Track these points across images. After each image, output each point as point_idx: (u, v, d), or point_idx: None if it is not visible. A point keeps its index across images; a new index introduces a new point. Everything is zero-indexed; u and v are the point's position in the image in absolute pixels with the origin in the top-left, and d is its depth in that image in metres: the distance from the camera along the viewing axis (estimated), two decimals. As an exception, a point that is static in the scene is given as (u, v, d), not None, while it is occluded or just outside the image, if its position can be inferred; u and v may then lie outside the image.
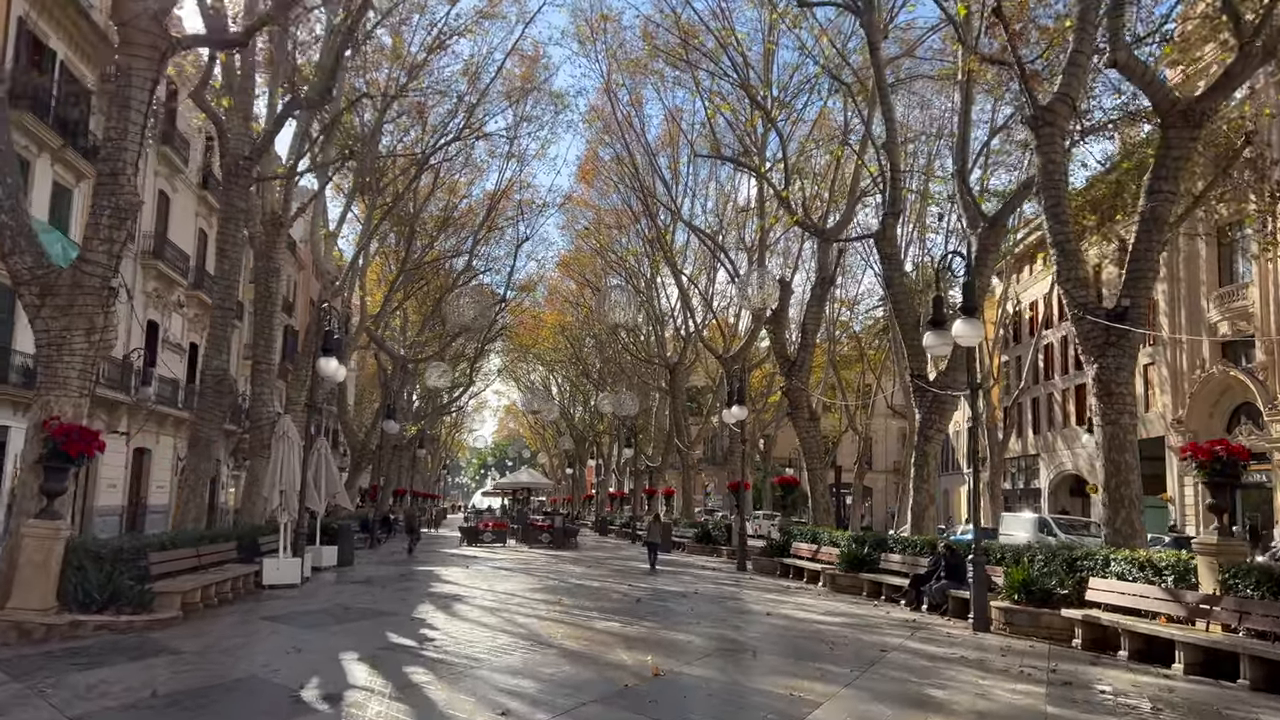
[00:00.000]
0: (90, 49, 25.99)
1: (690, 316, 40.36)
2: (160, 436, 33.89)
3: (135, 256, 30.61)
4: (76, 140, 25.34)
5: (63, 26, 24.27)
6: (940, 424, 21.45)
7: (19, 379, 23.47)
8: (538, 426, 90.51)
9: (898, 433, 78.43)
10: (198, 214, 36.38)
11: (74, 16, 24.48)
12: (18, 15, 22.44)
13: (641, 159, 37.62)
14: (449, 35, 31.57)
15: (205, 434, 18.88)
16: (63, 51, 24.63)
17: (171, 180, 33.66)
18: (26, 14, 22.98)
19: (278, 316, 23.96)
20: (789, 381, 26.88)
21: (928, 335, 15.04)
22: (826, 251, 27.23)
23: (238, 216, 18.90)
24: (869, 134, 24.25)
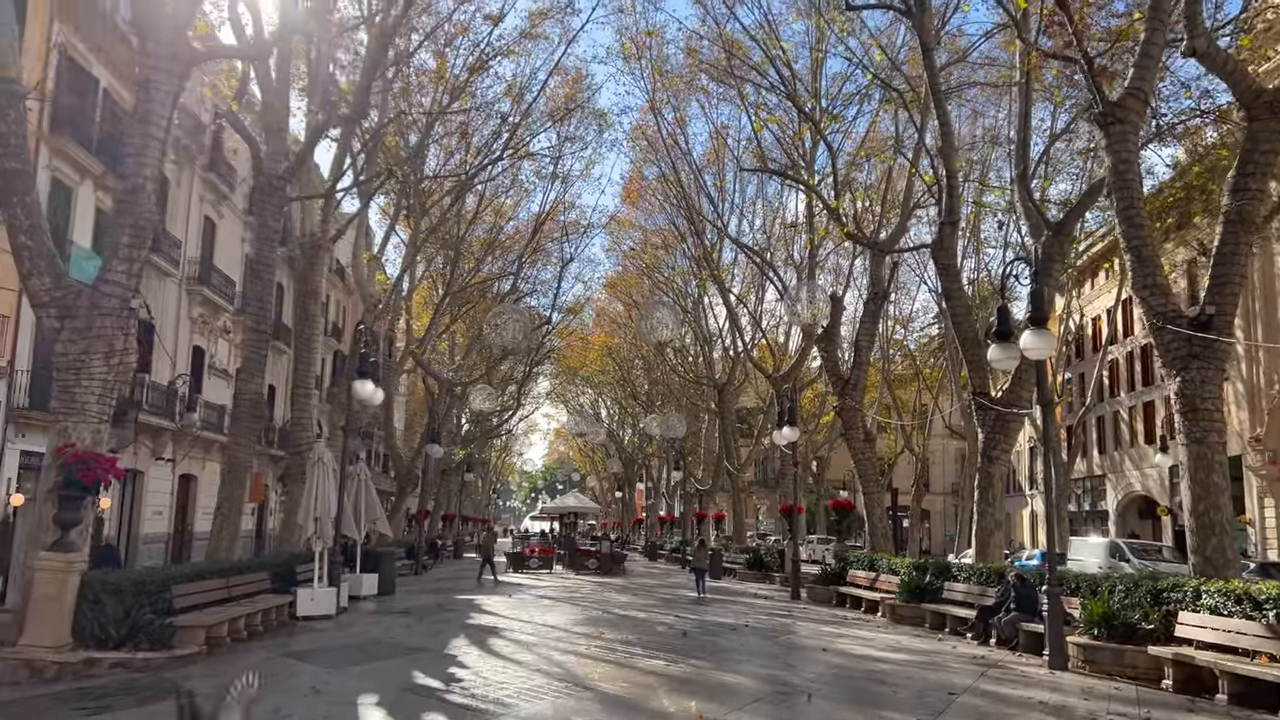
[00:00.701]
0: (133, 75, 25.99)
1: (739, 336, 39.43)
2: (206, 463, 33.73)
3: (180, 282, 30.59)
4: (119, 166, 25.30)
5: (104, 53, 24.28)
6: (1005, 444, 20.28)
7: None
8: (587, 449, 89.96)
9: (955, 453, 76.40)
10: (244, 240, 36.37)
11: (115, 43, 24.48)
12: (58, 42, 22.44)
13: (687, 177, 36.94)
14: (492, 55, 31.26)
15: (240, 459, 18.41)
16: (105, 79, 24.63)
17: (217, 206, 33.69)
18: (68, 40, 22.99)
19: (319, 340, 23.56)
20: (842, 401, 25.84)
21: (993, 349, 14.01)
22: (879, 265, 26.21)
23: (271, 237, 18.50)
24: (922, 141, 23.26)
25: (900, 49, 28.10)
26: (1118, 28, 19.38)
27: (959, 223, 20.92)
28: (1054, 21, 20.99)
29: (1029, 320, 13.75)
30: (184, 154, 30.22)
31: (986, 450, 20.21)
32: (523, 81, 33.87)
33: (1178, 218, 22.72)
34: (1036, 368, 14.73)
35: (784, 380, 32.63)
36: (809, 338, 32.52)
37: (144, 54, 12.03)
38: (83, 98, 23.65)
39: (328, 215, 23.38)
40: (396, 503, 37.81)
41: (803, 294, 22.74)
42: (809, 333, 32.46)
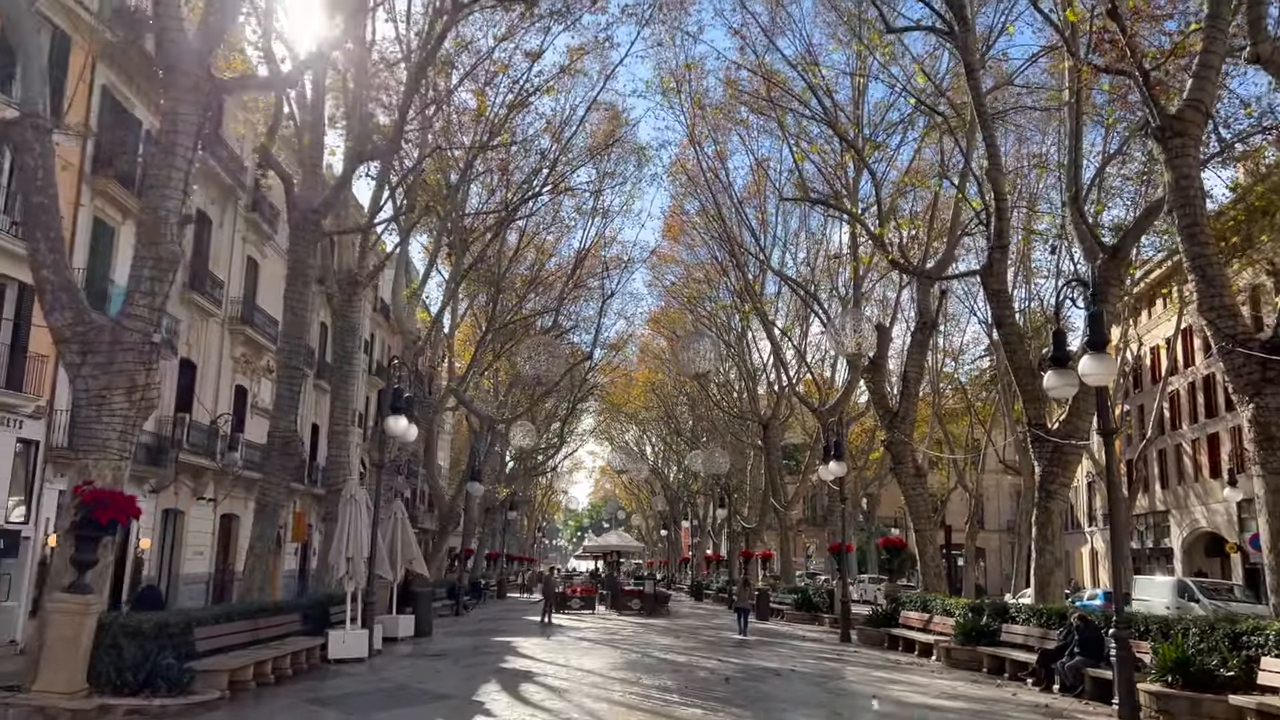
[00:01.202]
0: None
1: (783, 370, 38.69)
2: (248, 502, 33.59)
3: (223, 322, 30.72)
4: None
5: (146, 95, 24.56)
6: (1063, 478, 19.30)
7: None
8: (632, 487, 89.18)
9: (1010, 489, 74.30)
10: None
11: (157, 85, 24.76)
12: (101, 84, 22.71)
13: (728, 210, 36.52)
14: (531, 92, 31.20)
15: (272, 498, 18.11)
16: (148, 120, 24.90)
17: (260, 247, 33.92)
18: (111, 82, 23.27)
19: (357, 377, 23.34)
20: (890, 434, 24.99)
21: (1049, 376, 13.21)
22: (926, 293, 25.44)
23: (305, 272, 18.32)
24: (968, 166, 22.58)
25: (944, 76, 27.55)
26: (1171, 46, 18.62)
27: (1009, 247, 20.15)
28: (1104, 39, 20.33)
29: (1087, 345, 12.94)
30: (227, 194, 30.48)
31: (1044, 485, 19.25)
32: (562, 117, 33.85)
33: (1241, 239, 21.73)
34: (1096, 395, 13.90)
35: (830, 414, 31.81)
36: (855, 369, 31.71)
37: (167, 85, 11.89)
38: (125, 138, 23.90)
39: (365, 251, 23.25)
40: (438, 542, 37.41)
41: (846, 323, 22.03)
42: (855, 364, 31.65)
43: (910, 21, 22.43)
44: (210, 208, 29.48)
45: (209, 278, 29.11)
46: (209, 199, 29.31)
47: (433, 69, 27.93)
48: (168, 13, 11.73)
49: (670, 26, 31.37)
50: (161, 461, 26.02)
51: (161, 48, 11.72)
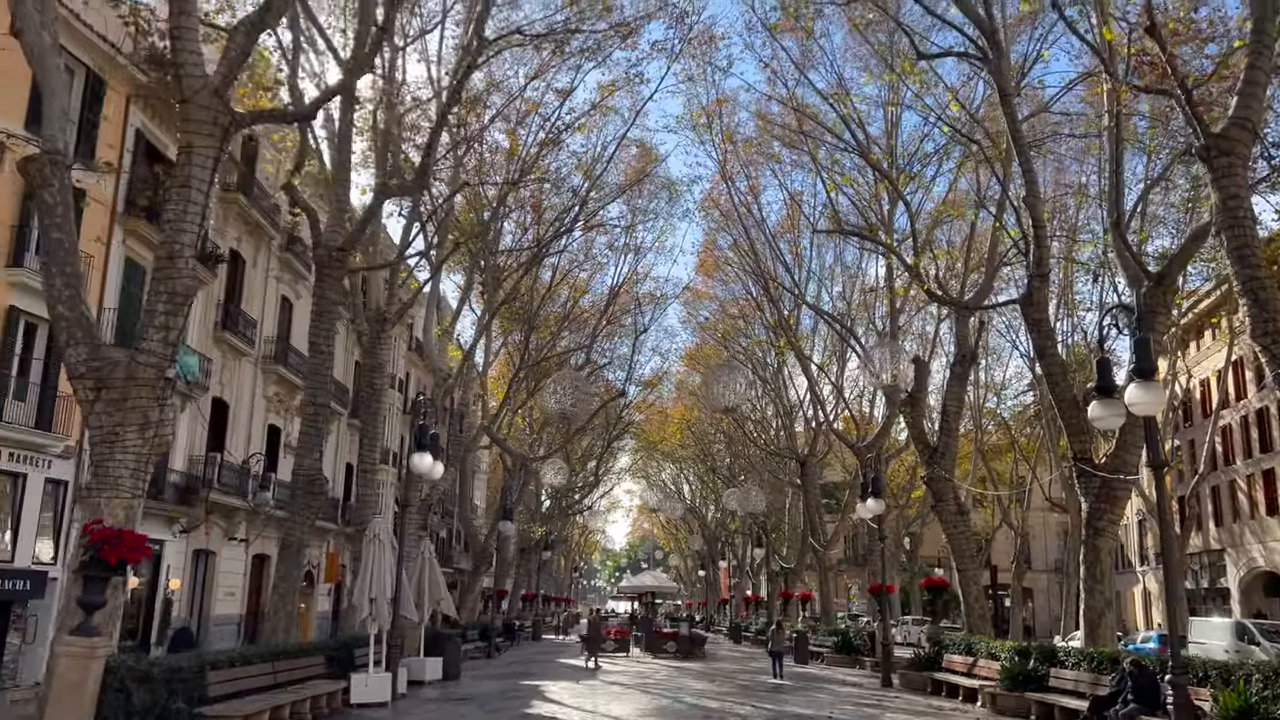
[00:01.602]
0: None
1: (820, 406, 38.02)
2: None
3: (256, 362, 30.80)
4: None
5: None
6: (1112, 514, 18.47)
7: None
8: (669, 526, 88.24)
9: (1057, 528, 72.49)
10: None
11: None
12: (135, 126, 22.95)
13: (761, 245, 36.16)
14: (563, 130, 31.21)
15: (296, 538, 17.85)
16: (181, 161, 25.16)
17: (294, 286, 34.09)
18: (145, 124, 23.53)
19: (385, 415, 23.13)
20: (930, 470, 24.26)
21: (1094, 406, 12.58)
22: (965, 325, 24.81)
23: (330, 309, 18.21)
24: (1005, 194, 22.05)
25: (979, 105, 27.09)
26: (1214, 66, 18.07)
27: (1048, 275, 19.56)
28: (1143, 62, 19.82)
29: (1134, 372, 12.31)
30: (260, 234, 30.69)
31: (1092, 522, 18.44)
32: (594, 154, 33.80)
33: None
34: (1145, 426, 13.21)
35: (868, 450, 31.08)
36: (893, 404, 31.01)
37: (184, 119, 11.80)
38: (159, 179, 24.12)
39: (394, 289, 23.15)
40: (470, 582, 36.98)
41: (883, 354, 21.44)
42: (893, 398, 30.97)
43: (942, 48, 22.05)
44: (243, 247, 29.68)
45: (241, 317, 29.23)
46: (242, 238, 29.53)
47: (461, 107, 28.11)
48: (185, 46, 11.67)
49: (700, 61, 31.32)
50: (192, 501, 25.96)
51: (179, 81, 11.64)
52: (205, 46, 13.84)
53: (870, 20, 23.75)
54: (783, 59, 28.55)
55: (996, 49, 18.95)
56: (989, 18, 18.93)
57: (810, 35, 28.00)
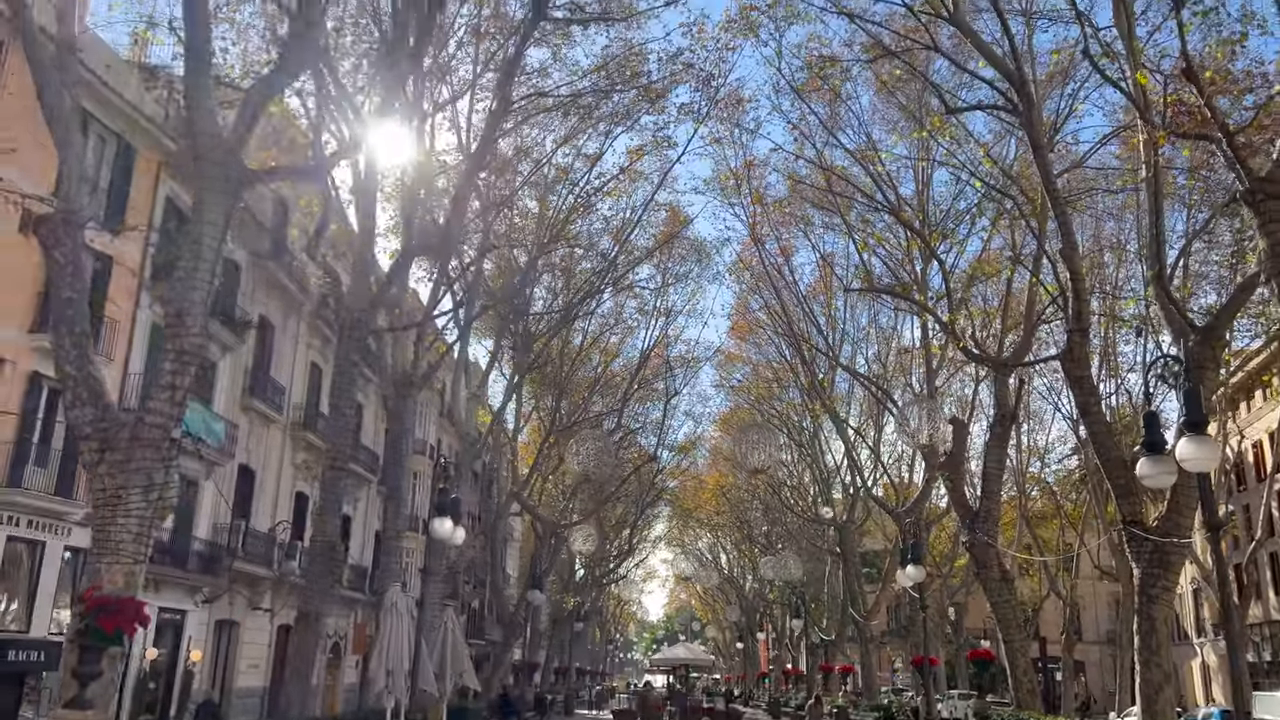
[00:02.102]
0: (241, 228, 26.69)
1: (857, 472, 37.13)
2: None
3: (285, 428, 30.65)
4: (225, 314, 25.64)
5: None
6: (1166, 581, 17.42)
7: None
8: (707, 597, 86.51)
9: (1108, 597, 70.03)
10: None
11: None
12: (165, 194, 23.19)
13: (794, 307, 35.71)
14: (592, 194, 31.26)
15: (313, 607, 17.34)
16: (211, 228, 25.36)
17: (324, 352, 34.06)
18: (174, 192, 23.78)
19: (410, 481, 22.73)
20: (972, 536, 23.28)
21: (1142, 464, 11.87)
22: (1004, 384, 24.04)
23: (351, 371, 17.96)
24: (1042, 249, 21.48)
25: (1012, 162, 26.67)
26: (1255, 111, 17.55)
27: (1089, 330, 18.85)
28: (1179, 112, 19.34)
29: (1184, 426, 11.58)
30: (290, 300, 30.78)
31: (1145, 589, 17.37)
32: (623, 218, 33.73)
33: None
34: (1199, 484, 12.40)
35: (907, 515, 30.12)
36: (931, 467, 30.09)
37: (196, 175, 11.67)
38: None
39: (419, 352, 22.93)
40: (500, 654, 36.08)
41: (919, 412, 20.73)
42: (930, 461, 30.09)
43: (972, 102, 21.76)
44: (272, 313, 29.74)
45: (270, 383, 29.15)
46: (271, 304, 29.61)
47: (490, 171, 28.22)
48: (199, 103, 11.60)
49: (728, 123, 31.27)
50: (215, 570, 25.57)
51: (191, 136, 11.55)
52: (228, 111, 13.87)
53: (899, 77, 23.53)
54: (811, 121, 28.44)
55: (1027, 100, 18.56)
56: (1018, 69, 18.62)
57: (838, 97, 27.93)
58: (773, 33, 25.28)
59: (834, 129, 27.40)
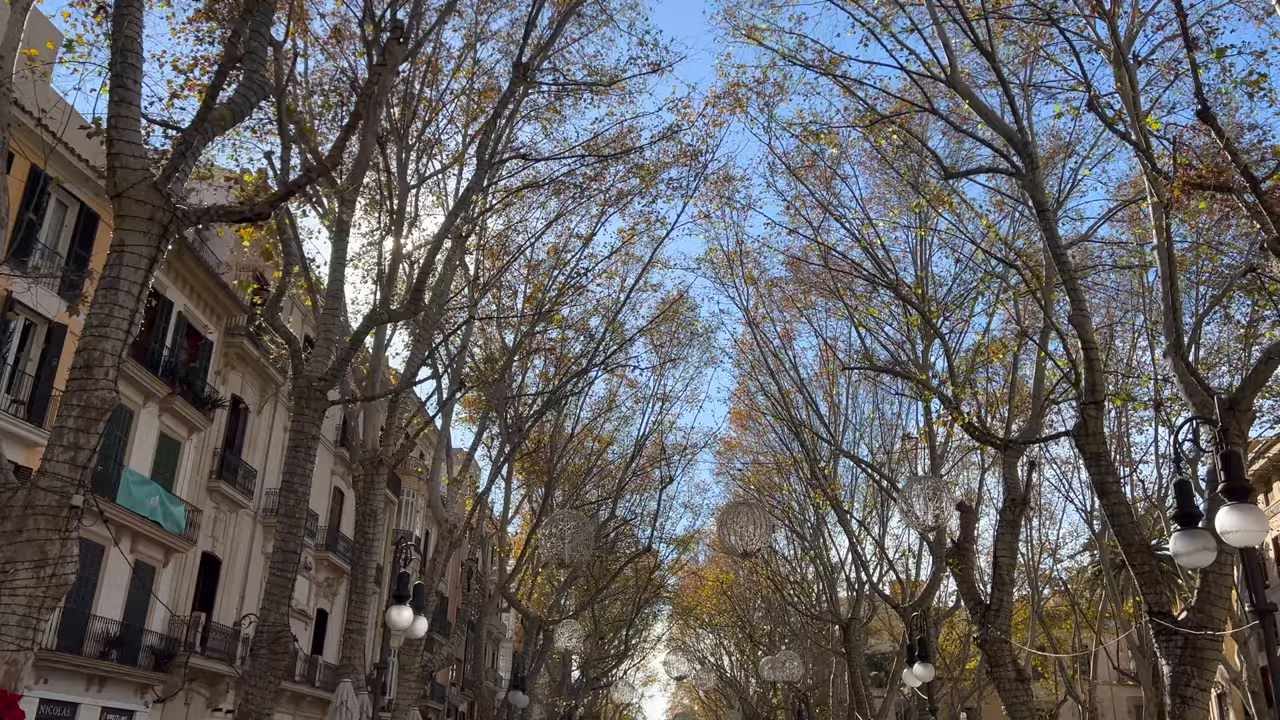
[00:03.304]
0: (214, 302, 25.75)
1: (861, 566, 35.38)
2: (278, 714, 30.82)
3: (255, 515, 29.15)
4: (190, 391, 24.50)
5: (182, 277, 24.11)
6: (1199, 680, 15.67)
7: (95, 648, 21.37)
8: (709, 701, 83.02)
9: (1128, 703, 67.11)
10: (333, 472, 35.24)
11: (194, 268, 24.35)
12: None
13: (793, 393, 34.46)
14: (582, 274, 30.46)
15: (257, 705, 15.61)
16: (181, 302, 24.34)
17: (304, 437, 32.80)
18: (144, 265, 22.83)
19: (374, 569, 21.17)
20: (984, 631, 21.48)
21: (1176, 540, 10.46)
22: (1013, 467, 22.59)
23: (308, 444, 16.57)
24: (1049, 319, 20.33)
25: (1014, 237, 25.80)
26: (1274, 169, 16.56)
27: (1104, 403, 17.54)
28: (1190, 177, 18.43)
29: (1225, 494, 10.21)
30: (266, 380, 29.67)
31: (1177, 690, 15.63)
32: (615, 298, 32.80)
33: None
34: (1245, 560, 10.89)
35: (914, 609, 28.32)
36: (938, 558, 28.39)
37: (117, 214, 10.60)
38: (154, 320, 23.26)
39: (390, 428, 21.60)
40: (482, 761, 33.78)
41: (919, 490, 19.24)
42: (937, 551, 28.42)
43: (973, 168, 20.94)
44: (247, 393, 28.57)
45: (240, 466, 27.78)
46: (246, 384, 28.46)
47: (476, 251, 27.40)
48: (122, 136, 10.59)
49: (719, 200, 30.58)
50: (169, 667, 23.77)
51: (113, 172, 10.52)
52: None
53: (896, 146, 22.78)
54: (805, 199, 27.78)
55: (1030, 162, 17.67)
56: (1020, 130, 17.82)
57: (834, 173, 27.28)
58: (761, 108, 24.83)
59: (829, 207, 26.65)
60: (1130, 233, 27.08)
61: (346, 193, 18.01)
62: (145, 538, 22.29)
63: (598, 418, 39.88)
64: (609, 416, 41.58)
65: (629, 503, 46.01)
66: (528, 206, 29.05)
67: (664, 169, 28.68)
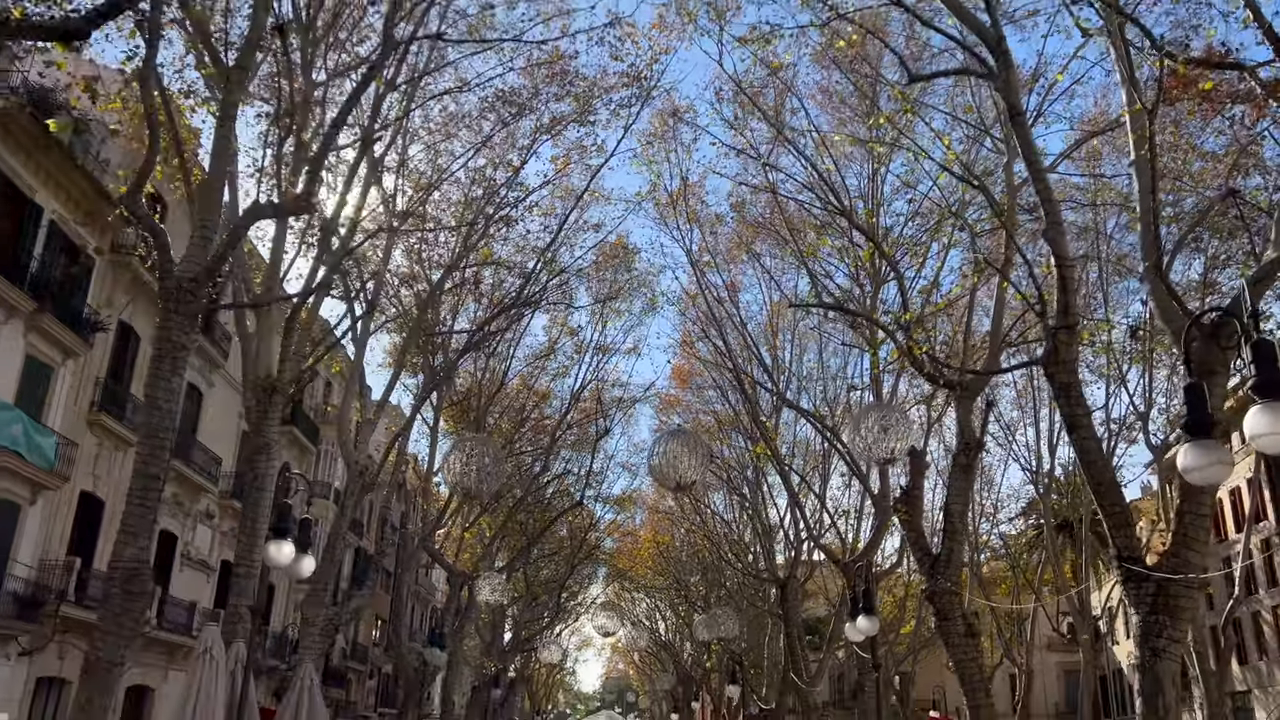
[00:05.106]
0: (97, 215, 23.02)
1: (802, 517, 34.03)
2: (170, 672, 28.49)
3: (148, 455, 26.61)
4: (66, 311, 21.86)
5: (55, 180, 21.38)
6: (1173, 630, 14.15)
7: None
8: (644, 666, 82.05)
9: (1056, 669, 67.62)
10: (240, 415, 32.67)
11: (69, 171, 21.62)
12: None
13: (735, 339, 32.69)
14: (513, 204, 28.28)
15: (106, 655, 13.39)
16: (54, 208, 21.63)
17: (207, 375, 30.21)
18: (8, 165, 20.12)
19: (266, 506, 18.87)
20: (932, 583, 20.01)
21: (1189, 452, 8.74)
22: (968, 411, 21.06)
23: (175, 355, 14.24)
24: (1013, 242, 18.67)
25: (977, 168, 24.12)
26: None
27: (1078, 326, 15.95)
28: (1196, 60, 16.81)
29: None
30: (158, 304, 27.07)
31: (1147, 640, 14.11)
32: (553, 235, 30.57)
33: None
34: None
35: (856, 563, 26.90)
36: (884, 511, 26.99)
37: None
38: (20, 226, 20.59)
39: (287, 352, 19.26)
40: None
41: (870, 418, 17.53)
42: (882, 505, 27.05)
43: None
44: (137, 320, 25.95)
45: (130, 400, 25.18)
46: (136, 310, 25.82)
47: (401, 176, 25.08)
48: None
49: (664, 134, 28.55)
50: (36, 616, 21.30)
51: None
52: None
53: (855, 50, 20.92)
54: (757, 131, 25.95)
55: (1003, 60, 15.85)
56: (994, 25, 16.01)
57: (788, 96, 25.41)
58: (713, 18, 22.82)
59: (781, 129, 24.77)
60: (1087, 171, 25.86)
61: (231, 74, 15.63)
62: (6, 471, 19.75)
63: (532, 368, 37.93)
64: (545, 368, 39.62)
65: (565, 460, 44.22)
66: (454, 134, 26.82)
67: (604, 94, 26.68)
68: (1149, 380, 28.30)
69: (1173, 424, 28.25)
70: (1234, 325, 14.67)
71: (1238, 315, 13.55)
